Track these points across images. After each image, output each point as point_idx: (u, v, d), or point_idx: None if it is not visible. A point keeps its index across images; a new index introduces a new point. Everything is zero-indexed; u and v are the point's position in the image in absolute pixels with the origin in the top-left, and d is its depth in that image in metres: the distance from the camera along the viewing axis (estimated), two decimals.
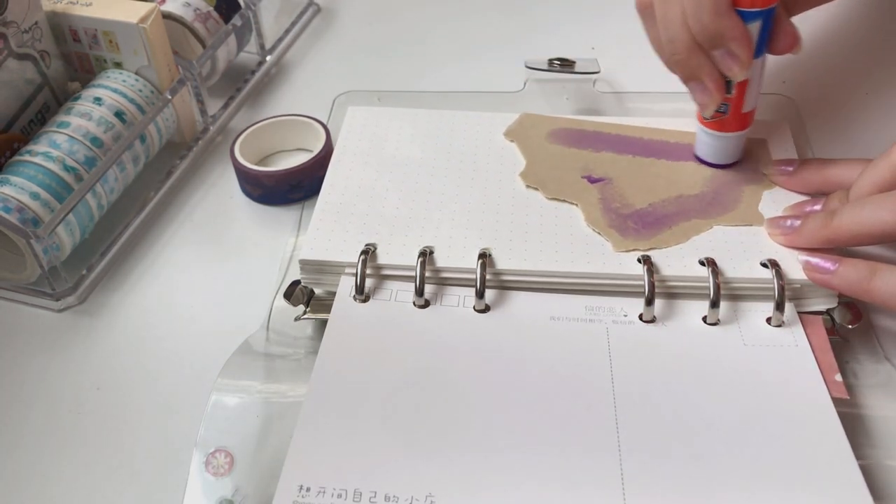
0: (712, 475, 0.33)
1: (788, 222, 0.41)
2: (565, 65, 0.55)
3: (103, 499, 0.36)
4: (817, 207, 0.41)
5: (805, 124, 0.50)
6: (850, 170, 0.41)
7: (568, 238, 0.42)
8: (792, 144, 0.46)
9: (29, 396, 0.40)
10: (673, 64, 0.41)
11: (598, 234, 0.42)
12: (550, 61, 0.55)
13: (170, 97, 0.50)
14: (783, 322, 0.38)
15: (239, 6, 0.57)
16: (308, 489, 0.33)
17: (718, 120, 0.43)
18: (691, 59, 0.40)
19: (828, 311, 0.39)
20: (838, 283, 0.38)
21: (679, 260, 0.40)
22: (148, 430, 0.39)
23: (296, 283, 0.42)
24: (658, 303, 0.39)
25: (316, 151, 0.49)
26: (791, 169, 0.44)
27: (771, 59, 0.42)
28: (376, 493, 0.32)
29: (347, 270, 0.41)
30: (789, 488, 0.32)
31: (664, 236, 0.41)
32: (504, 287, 0.41)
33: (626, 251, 0.41)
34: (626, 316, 0.39)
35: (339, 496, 0.32)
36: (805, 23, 0.58)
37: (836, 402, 0.35)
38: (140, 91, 0.49)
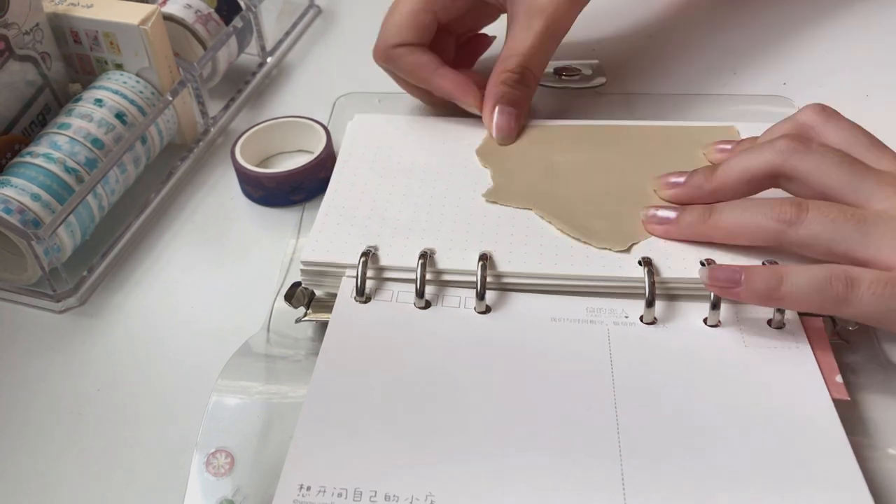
0: (713, 476, 0.33)
1: (662, 213, 0.41)
2: (571, 74, 0.55)
3: (103, 499, 0.36)
4: (681, 180, 0.42)
5: None
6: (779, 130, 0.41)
7: (568, 242, 0.42)
8: None
9: (29, 397, 0.40)
10: None
11: (578, 239, 0.42)
12: (556, 70, 0.55)
13: (171, 99, 0.50)
14: (784, 323, 0.38)
15: (240, 8, 0.57)
16: (308, 488, 0.33)
17: None
18: None
19: None
20: (747, 297, 0.37)
21: (680, 262, 0.40)
22: (148, 430, 0.39)
23: (296, 284, 0.42)
24: (659, 304, 0.39)
25: (316, 153, 0.49)
26: (730, 147, 0.44)
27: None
28: (376, 493, 0.32)
29: (348, 272, 0.41)
30: (790, 489, 0.32)
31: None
32: (505, 289, 0.41)
33: (605, 248, 0.41)
34: (626, 317, 0.39)
35: (340, 495, 0.32)
36: (805, 23, 0.59)
37: (837, 403, 0.35)
38: (141, 92, 0.49)
